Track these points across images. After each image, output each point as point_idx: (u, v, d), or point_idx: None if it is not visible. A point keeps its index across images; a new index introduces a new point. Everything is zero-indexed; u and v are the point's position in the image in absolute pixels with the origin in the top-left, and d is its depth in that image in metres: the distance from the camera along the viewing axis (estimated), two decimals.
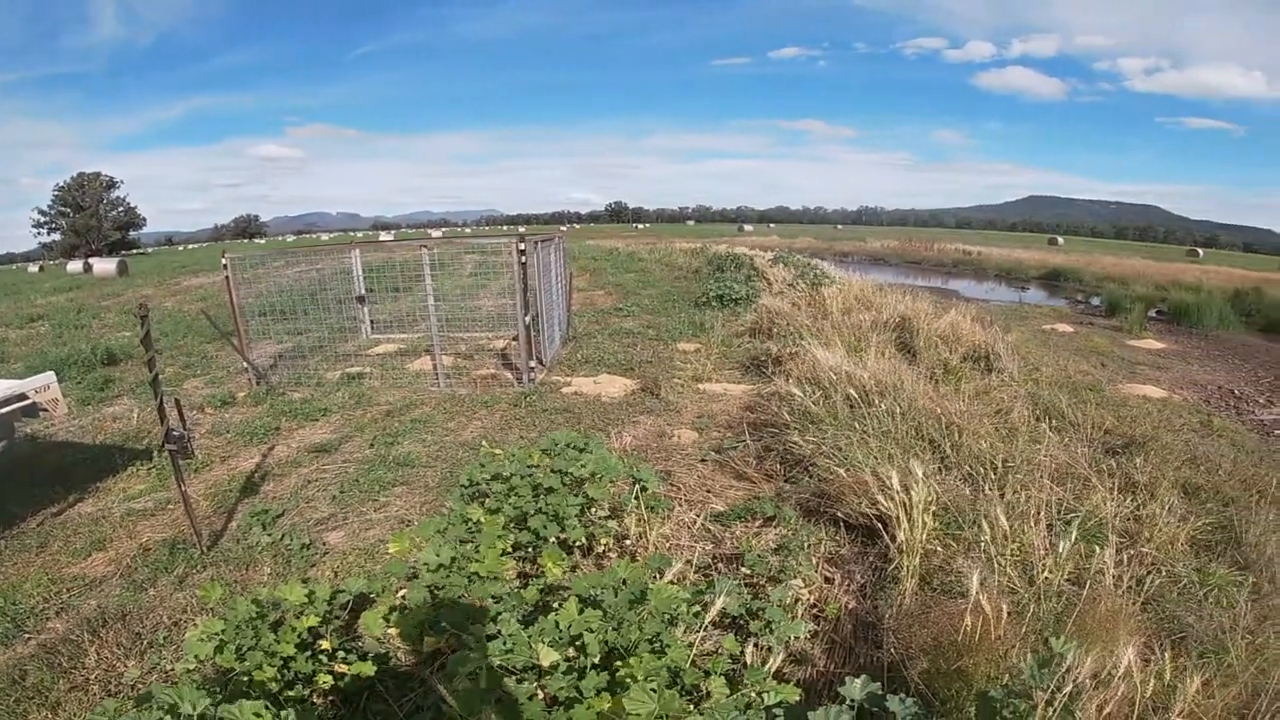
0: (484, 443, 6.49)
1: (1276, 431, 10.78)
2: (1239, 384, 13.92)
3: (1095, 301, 27.28)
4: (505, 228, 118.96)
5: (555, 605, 3.53)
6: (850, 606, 4.73)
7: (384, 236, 68.34)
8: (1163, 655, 3.55)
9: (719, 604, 3.61)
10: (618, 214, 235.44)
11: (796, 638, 4.13)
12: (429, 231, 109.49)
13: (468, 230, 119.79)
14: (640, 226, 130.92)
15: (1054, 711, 2.69)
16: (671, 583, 3.95)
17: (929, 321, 12.63)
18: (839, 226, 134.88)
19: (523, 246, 10.17)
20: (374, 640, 3.85)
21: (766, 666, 3.31)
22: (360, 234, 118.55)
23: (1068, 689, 2.67)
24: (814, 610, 4.69)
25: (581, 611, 3.30)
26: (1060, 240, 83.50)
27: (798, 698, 3.04)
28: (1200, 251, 75.78)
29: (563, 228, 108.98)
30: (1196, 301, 23.03)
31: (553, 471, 5.12)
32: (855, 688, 2.83)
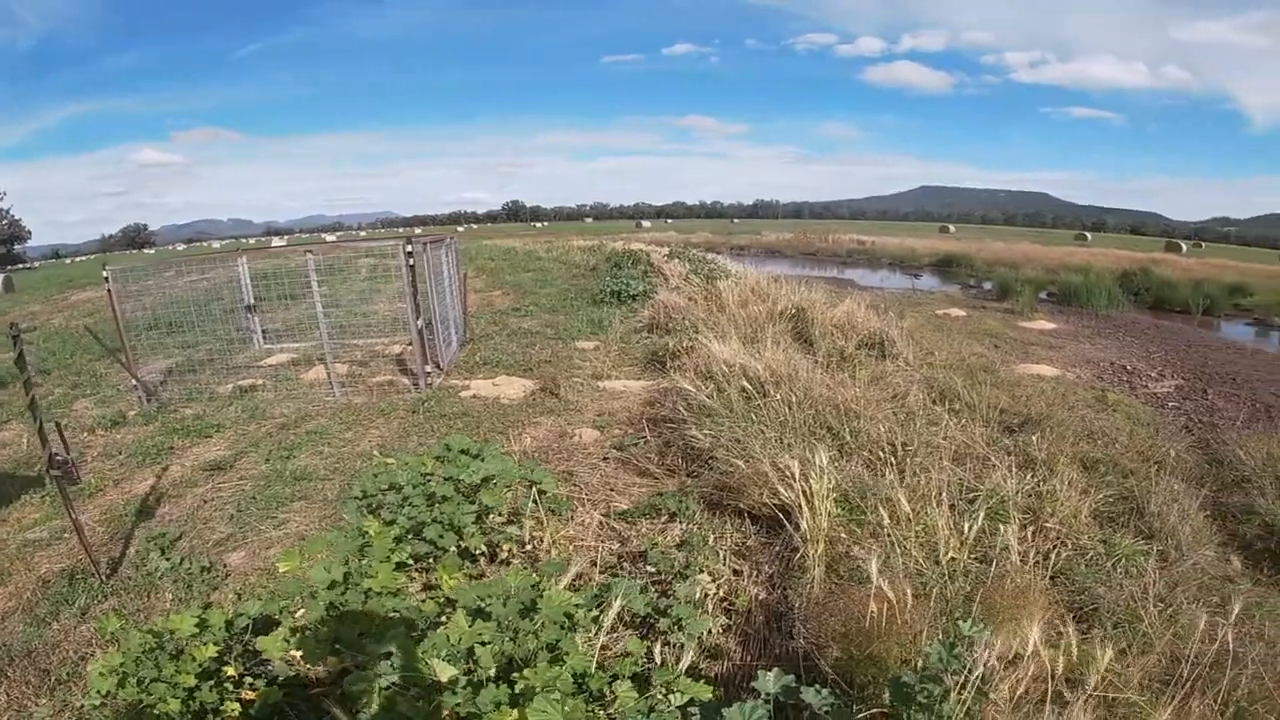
0: (375, 453, 6.47)
1: (1171, 404, 11.31)
2: (1131, 360, 14.58)
3: (987, 286, 28.40)
4: (402, 230, 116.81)
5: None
6: (761, 598, 4.80)
7: (276, 242, 66.24)
8: (1073, 629, 3.59)
9: (616, 605, 3.55)
10: (515, 213, 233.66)
11: (709, 632, 4.18)
12: (323, 236, 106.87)
13: (363, 233, 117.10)
14: (538, 225, 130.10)
15: (967, 693, 2.68)
16: (573, 586, 3.95)
17: (824, 311, 12.88)
18: (735, 220, 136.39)
19: (410, 248, 9.97)
20: (284, 663, 3.67)
21: (680, 664, 3.30)
22: (252, 240, 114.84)
23: (978, 671, 2.68)
24: (725, 604, 4.74)
25: (472, 623, 3.23)
26: (952, 228, 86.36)
27: (709, 695, 3.04)
28: (1088, 235, 79.48)
29: (460, 228, 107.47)
30: (1085, 283, 24.18)
31: (446, 479, 5.02)
32: (769, 681, 2.87)
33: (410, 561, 4.44)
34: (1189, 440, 8.97)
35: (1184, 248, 61.88)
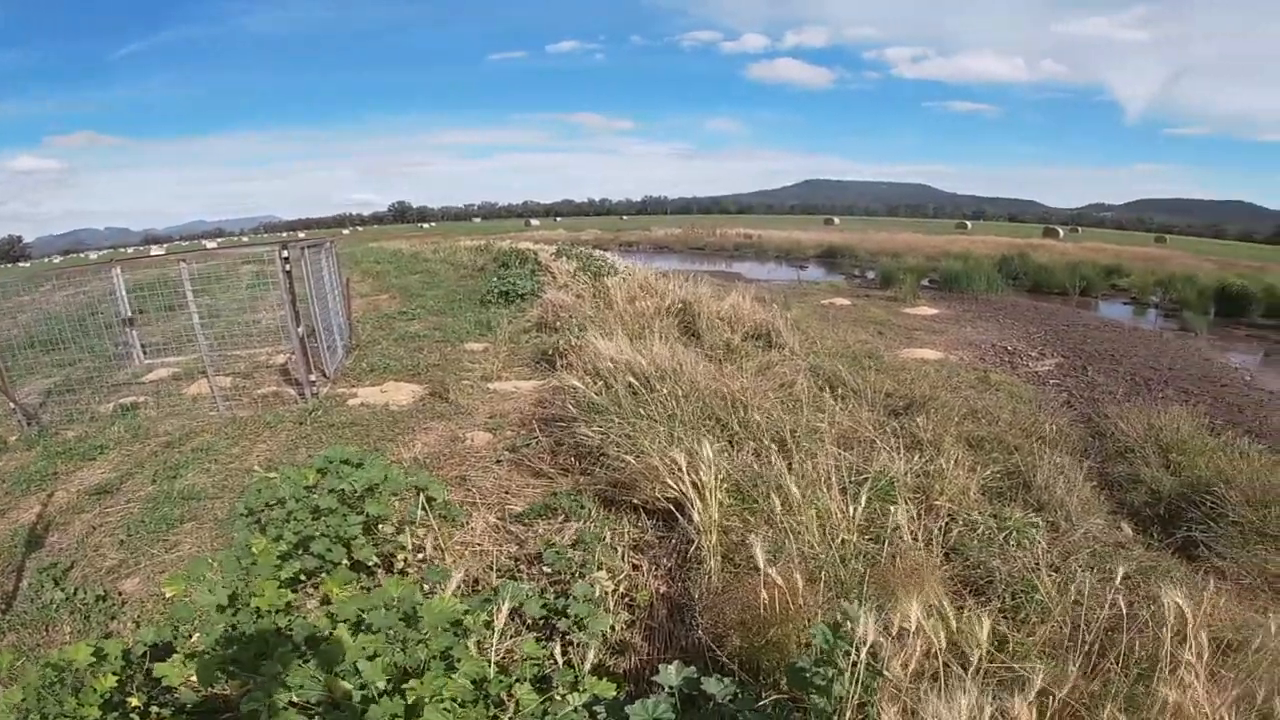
0: (256, 468, 6.34)
1: (1052, 381, 11.80)
2: (1012, 341, 15.20)
3: (871, 275, 29.37)
4: (285, 234, 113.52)
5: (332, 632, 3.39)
6: (662, 591, 4.83)
7: (155, 251, 63.22)
8: (963, 602, 3.68)
9: (505, 608, 3.46)
10: (402, 214, 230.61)
11: (612, 629, 4.24)
12: (204, 243, 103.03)
13: (245, 239, 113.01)
14: (426, 226, 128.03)
15: (859, 672, 2.72)
16: (471, 591, 4.20)
17: (711, 304, 13.02)
18: (625, 217, 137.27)
19: (286, 254, 9.64)
20: (189, 689, 3.57)
21: (585, 663, 3.34)
22: (131, 249, 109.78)
23: (864, 651, 2.70)
24: (626, 600, 4.78)
25: (356, 636, 3.18)
26: (837, 220, 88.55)
27: (613, 692, 3.11)
28: (969, 224, 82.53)
29: (345, 230, 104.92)
30: (965, 269, 25.26)
31: (329, 491, 4.90)
32: (671, 674, 2.91)
33: (302, 578, 4.37)
34: (1071, 415, 9.39)
35: (1061, 233, 65.01)
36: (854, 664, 2.72)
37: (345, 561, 4.55)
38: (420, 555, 5.22)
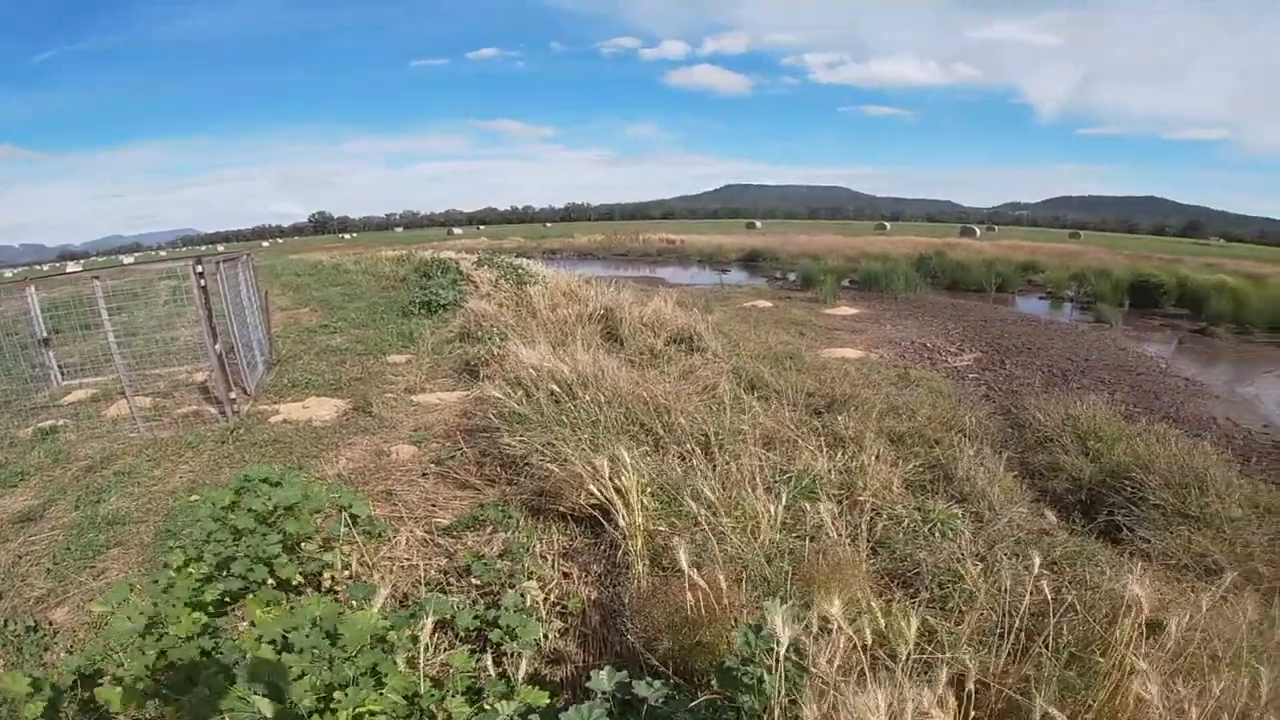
0: (179, 491, 6.38)
1: (971, 375, 12.07)
2: (931, 337, 15.53)
3: (792, 277, 29.79)
4: (203, 248, 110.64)
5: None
6: (593, 598, 4.87)
7: (72, 267, 61.06)
8: (891, 595, 3.72)
9: (429, 622, 3.53)
10: (323, 225, 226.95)
11: (545, 638, 4.31)
12: (121, 258, 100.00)
13: (163, 253, 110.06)
14: (347, 237, 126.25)
15: (782, 669, 2.75)
16: (402, 606, 4.18)
17: (633, 309, 13.02)
18: (548, 224, 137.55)
19: (201, 269, 9.44)
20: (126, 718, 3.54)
21: (519, 673, 3.41)
22: (47, 267, 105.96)
23: (784, 650, 2.71)
24: (558, 608, 4.82)
25: (279, 655, 3.18)
26: (758, 224, 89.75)
27: (546, 700, 3.15)
28: (887, 225, 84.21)
29: (265, 243, 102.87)
30: (884, 269, 25.82)
31: (247, 511, 4.86)
32: (603, 680, 2.97)
33: (227, 599, 4.33)
34: (990, 408, 9.62)
35: (978, 232, 66.79)
36: (778, 662, 2.75)
37: (270, 582, 4.52)
38: (348, 573, 5.16)
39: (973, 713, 2.78)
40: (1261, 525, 5.74)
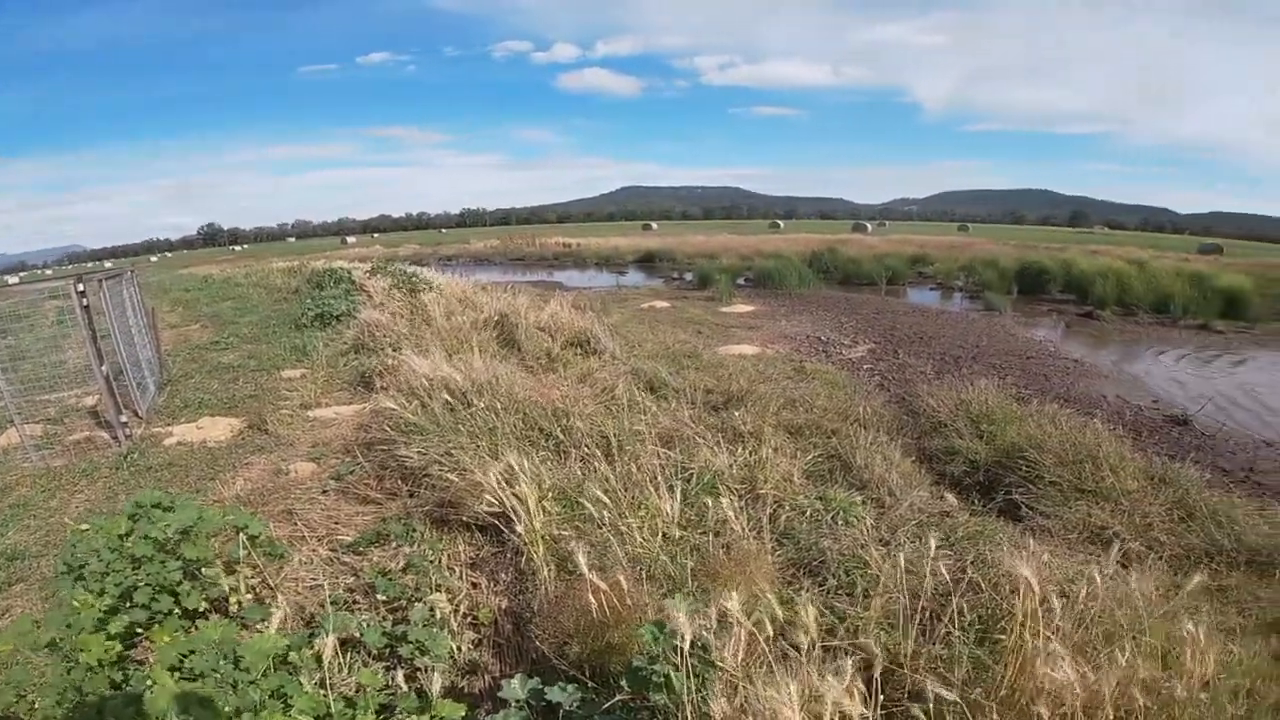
0: (69, 522, 6.22)
1: (865, 366, 12.33)
2: (825, 331, 15.86)
3: (689, 277, 30.06)
4: (91, 264, 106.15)
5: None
6: (504, 606, 4.82)
7: None
8: (799, 585, 3.75)
9: (331, 640, 3.50)
10: (213, 237, 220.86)
11: (459, 650, 4.30)
12: (5, 278, 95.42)
13: (49, 271, 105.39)
14: (238, 249, 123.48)
15: (688, 666, 2.78)
16: (298, 628, 4.10)
17: (530, 314, 12.99)
18: (444, 231, 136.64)
19: (82, 288, 9.04)
20: None
21: (434, 687, 3.42)
22: None
23: (686, 646, 2.75)
24: (470, 619, 4.77)
25: (179, 683, 3.17)
26: (655, 225, 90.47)
27: (461, 713, 3.20)
28: (781, 224, 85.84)
29: (154, 257, 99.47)
30: (779, 267, 26.27)
31: (144, 538, 4.69)
32: (515, 687, 3.09)
33: (137, 630, 4.21)
34: (885, 397, 9.83)
35: (869, 227, 68.55)
36: (684, 658, 2.77)
37: (176, 610, 4.40)
38: (251, 596, 5.04)
39: (881, 696, 2.80)
40: (1158, 496, 6.02)
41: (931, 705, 2.69)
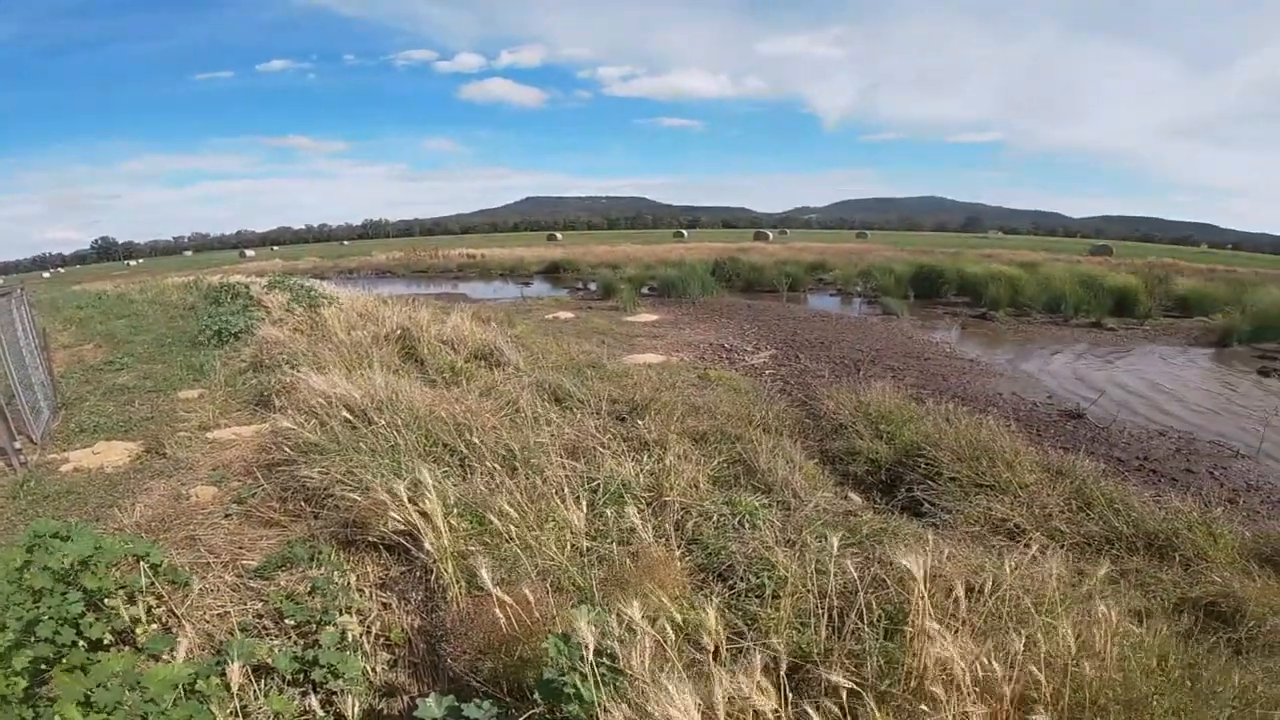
0: None
1: (768, 372, 12.54)
2: (728, 338, 16.07)
3: (593, 287, 30.10)
4: None
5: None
6: (417, 626, 4.79)
7: None
8: (709, 589, 3.80)
9: (236, 666, 3.35)
10: (106, 251, 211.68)
11: (374, 671, 4.27)
12: None
13: None
14: (132, 264, 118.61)
15: (596, 674, 2.81)
16: (214, 654, 4.02)
17: (432, 328, 12.86)
18: (345, 243, 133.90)
19: None
20: None
21: (351, 710, 3.47)
22: None
23: (590, 655, 2.79)
24: (383, 640, 4.73)
25: (86, 716, 3.16)
26: (559, 235, 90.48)
27: None
28: (685, 233, 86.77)
29: (45, 273, 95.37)
30: (682, 275, 26.55)
31: (42, 569, 4.53)
32: (431, 706, 3.05)
33: (43, 666, 3.99)
34: (787, 401, 10.00)
35: (771, 236, 69.82)
36: (592, 668, 2.81)
37: (82, 643, 4.23)
38: (156, 625, 4.89)
39: (792, 694, 2.85)
40: (1056, 487, 6.25)
41: (845, 699, 2.74)
